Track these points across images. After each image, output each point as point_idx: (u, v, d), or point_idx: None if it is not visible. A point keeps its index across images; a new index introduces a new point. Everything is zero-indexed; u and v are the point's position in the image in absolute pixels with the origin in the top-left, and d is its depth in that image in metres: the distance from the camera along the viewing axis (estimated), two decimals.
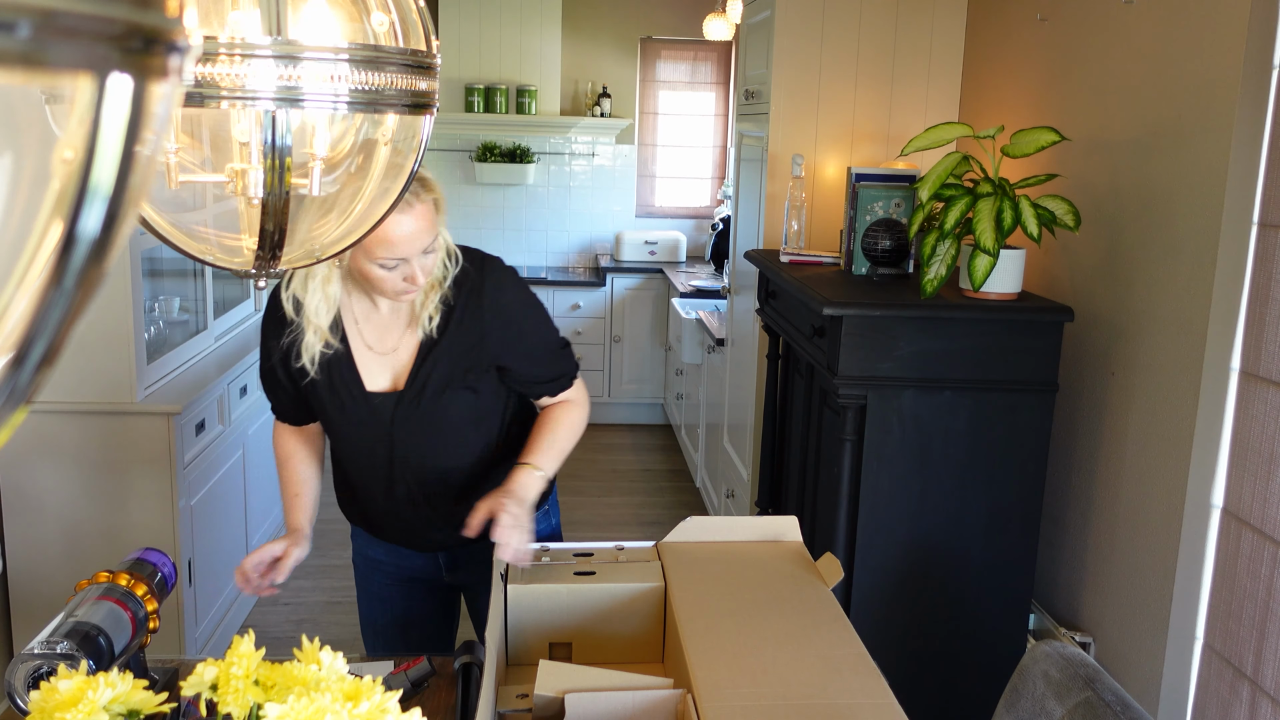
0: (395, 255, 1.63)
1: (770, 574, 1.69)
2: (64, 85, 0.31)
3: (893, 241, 2.76)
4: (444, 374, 1.78)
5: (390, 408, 1.79)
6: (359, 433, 1.83)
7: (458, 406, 1.81)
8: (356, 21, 0.98)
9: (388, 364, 1.80)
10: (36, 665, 1.30)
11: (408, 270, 1.66)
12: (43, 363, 0.33)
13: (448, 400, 1.79)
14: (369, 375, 1.80)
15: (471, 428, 1.85)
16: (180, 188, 0.98)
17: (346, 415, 1.81)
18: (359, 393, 1.80)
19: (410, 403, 1.79)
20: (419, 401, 1.79)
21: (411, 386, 1.79)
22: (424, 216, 1.63)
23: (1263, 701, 1.84)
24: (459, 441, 1.84)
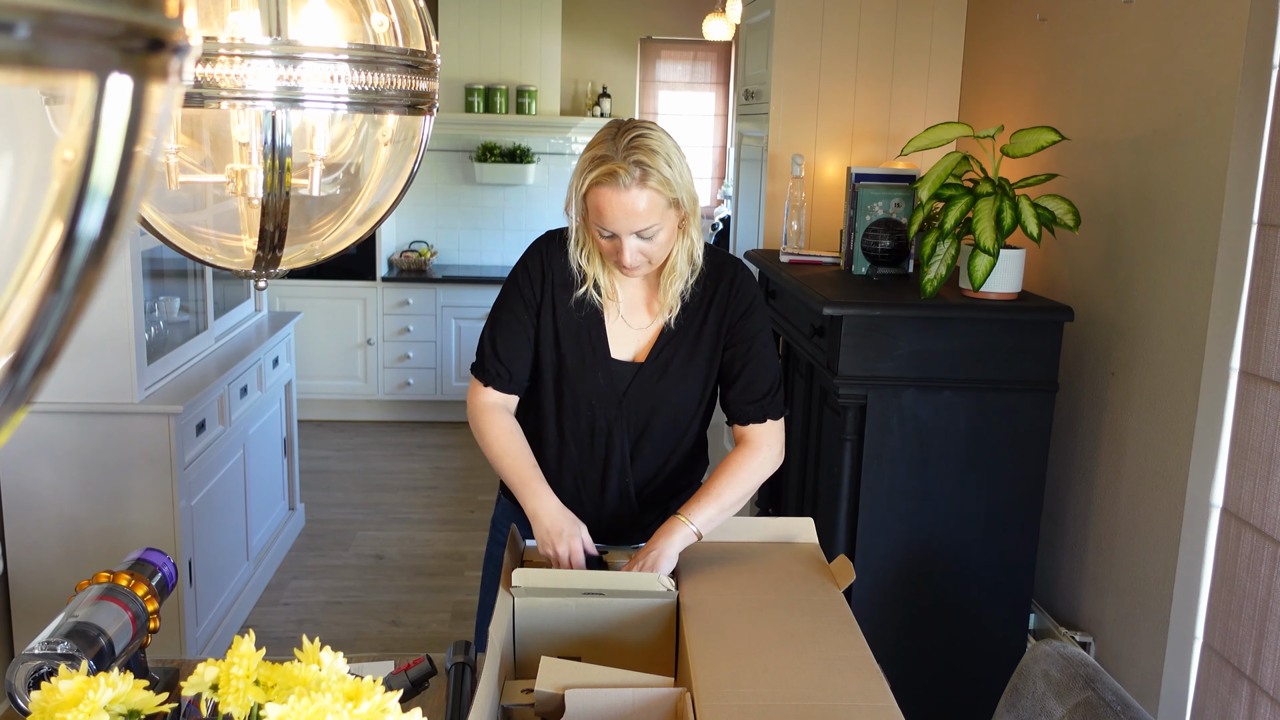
0: (604, 226, 1.69)
1: (782, 575, 1.69)
2: (64, 86, 0.31)
3: (893, 241, 2.76)
4: (683, 355, 1.84)
5: (629, 377, 1.84)
6: (590, 398, 1.85)
7: (688, 387, 1.86)
8: (356, 22, 0.98)
9: (634, 338, 1.86)
10: (37, 665, 1.30)
11: (617, 245, 1.71)
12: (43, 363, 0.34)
13: (679, 380, 1.85)
14: (616, 343, 1.85)
15: (689, 415, 1.89)
16: (180, 188, 0.98)
17: (585, 378, 1.84)
18: (603, 357, 1.84)
19: (648, 376, 1.84)
20: (657, 377, 1.84)
21: (653, 361, 1.84)
22: (637, 200, 1.66)
23: (1262, 701, 1.84)
24: (675, 425, 1.88)
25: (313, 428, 5.67)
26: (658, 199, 1.68)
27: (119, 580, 1.46)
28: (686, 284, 1.82)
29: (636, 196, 1.66)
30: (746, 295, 1.86)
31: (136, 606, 1.44)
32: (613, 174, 1.65)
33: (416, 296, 5.77)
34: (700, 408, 1.91)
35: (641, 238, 1.71)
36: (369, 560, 4.10)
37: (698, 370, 1.86)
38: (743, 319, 1.85)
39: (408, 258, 5.89)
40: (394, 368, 5.82)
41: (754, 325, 1.86)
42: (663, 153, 1.68)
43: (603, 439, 1.88)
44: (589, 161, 1.68)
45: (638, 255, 1.73)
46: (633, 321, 1.86)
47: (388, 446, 5.48)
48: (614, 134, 1.69)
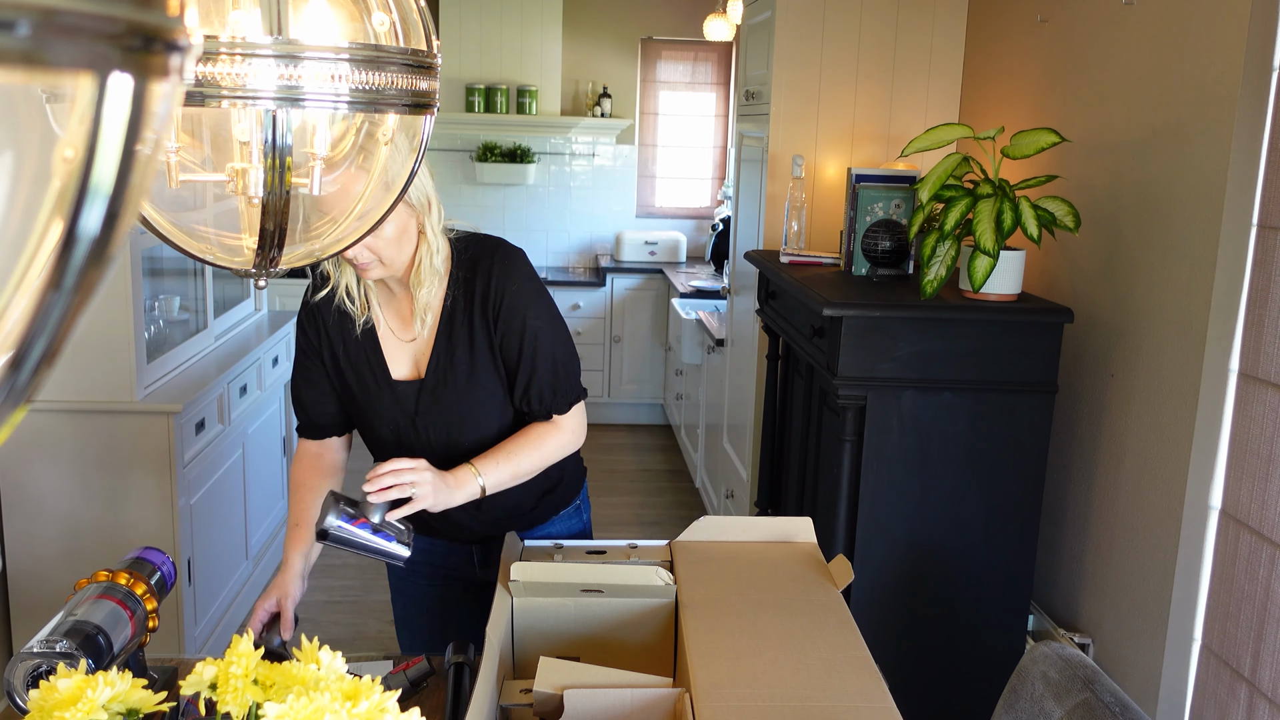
0: None
1: (781, 575, 1.69)
2: (65, 84, 0.31)
3: (893, 242, 2.76)
4: (462, 363, 1.79)
5: (413, 396, 1.81)
6: (386, 421, 1.84)
7: (477, 396, 1.80)
8: (357, 21, 0.98)
9: (409, 351, 1.83)
10: (36, 664, 1.30)
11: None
12: (43, 362, 0.34)
13: (465, 389, 1.79)
14: (394, 362, 1.82)
15: (494, 419, 1.83)
16: (181, 187, 0.98)
17: (374, 403, 1.83)
18: (384, 380, 1.82)
19: (430, 392, 1.80)
20: (439, 391, 1.80)
21: (432, 375, 1.80)
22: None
23: (1260, 702, 1.84)
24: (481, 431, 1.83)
25: None
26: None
27: (118, 579, 1.46)
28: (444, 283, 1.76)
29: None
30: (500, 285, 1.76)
31: (135, 605, 1.44)
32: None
33: None
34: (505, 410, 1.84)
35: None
36: (368, 560, 4.10)
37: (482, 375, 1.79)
38: (502, 311, 1.76)
39: None
40: None
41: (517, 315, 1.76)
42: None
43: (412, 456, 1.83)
44: None
45: (363, 251, 1.65)
46: (403, 334, 1.82)
47: None
48: None
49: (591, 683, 1.37)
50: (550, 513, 1.97)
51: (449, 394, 1.79)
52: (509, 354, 1.78)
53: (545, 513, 1.96)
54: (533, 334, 1.77)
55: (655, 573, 1.59)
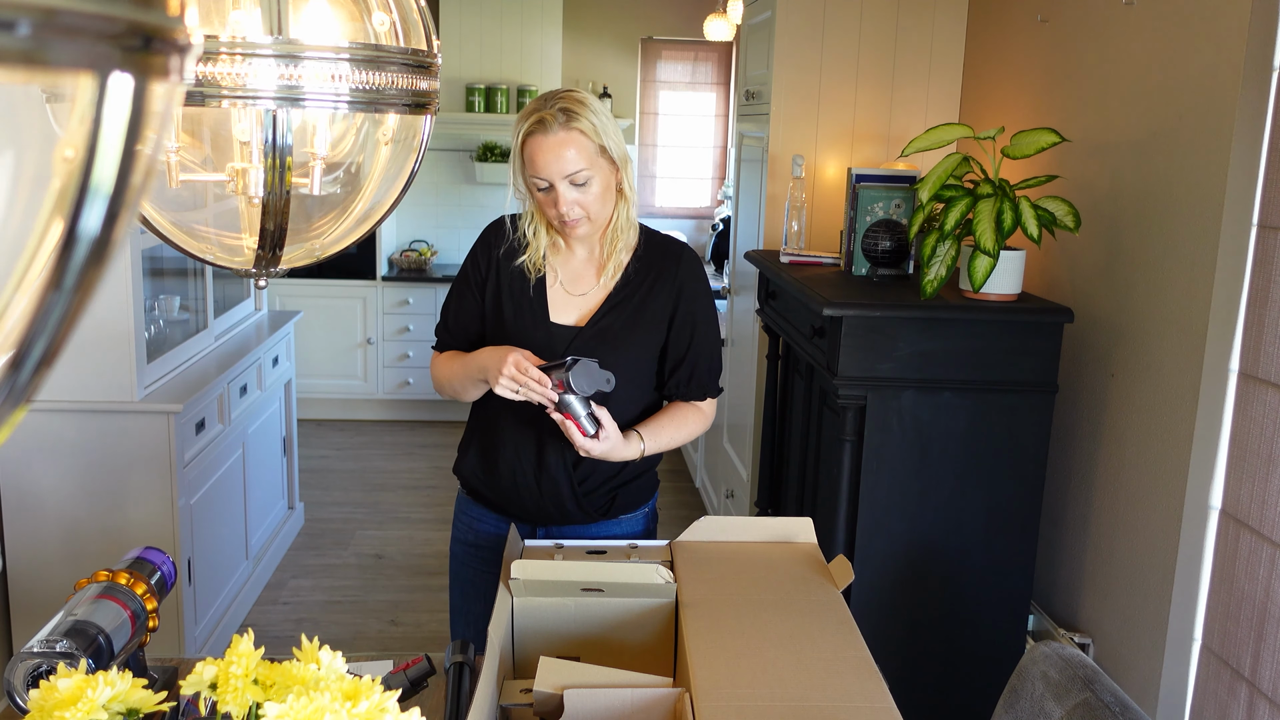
0: (538, 174, 1.77)
1: (781, 575, 1.69)
2: (65, 84, 0.31)
3: (893, 242, 2.76)
4: (625, 323, 1.88)
5: (567, 340, 1.88)
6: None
7: (629, 357, 1.88)
8: (357, 21, 0.98)
9: (576, 304, 1.91)
10: (36, 664, 1.30)
11: (555, 197, 1.78)
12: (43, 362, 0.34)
13: (622, 347, 1.87)
14: (556, 309, 1.91)
15: (634, 386, 1.92)
16: (181, 187, 0.98)
17: (524, 340, 1.87)
18: (542, 320, 1.89)
19: (588, 339, 1.87)
20: (594, 343, 1.87)
21: (592, 326, 1.88)
22: (566, 143, 1.75)
23: (1260, 702, 1.85)
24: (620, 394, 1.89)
25: (312, 427, 5.67)
26: (585, 143, 1.76)
27: (118, 579, 1.46)
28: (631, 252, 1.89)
29: (564, 139, 1.74)
30: (698, 277, 1.93)
31: (135, 605, 1.44)
32: (541, 120, 1.74)
33: (416, 296, 5.77)
34: (641, 385, 1.94)
35: (574, 184, 1.77)
36: (368, 559, 4.10)
37: (640, 341, 1.90)
38: (694, 301, 1.92)
39: (408, 257, 5.89)
40: (394, 367, 5.82)
41: (703, 308, 1.93)
42: (589, 104, 1.78)
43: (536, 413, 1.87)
44: (519, 120, 1.79)
45: (575, 207, 1.79)
46: (574, 289, 1.92)
47: (387, 446, 5.48)
48: (544, 96, 1.80)
49: (591, 683, 1.37)
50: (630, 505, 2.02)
51: (605, 348, 1.86)
52: (682, 334, 1.92)
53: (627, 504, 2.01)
54: (706, 323, 1.94)
55: (655, 571, 1.58)
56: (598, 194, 1.80)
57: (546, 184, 1.78)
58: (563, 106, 1.75)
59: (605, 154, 1.79)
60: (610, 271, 1.89)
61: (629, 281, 1.90)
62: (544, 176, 1.77)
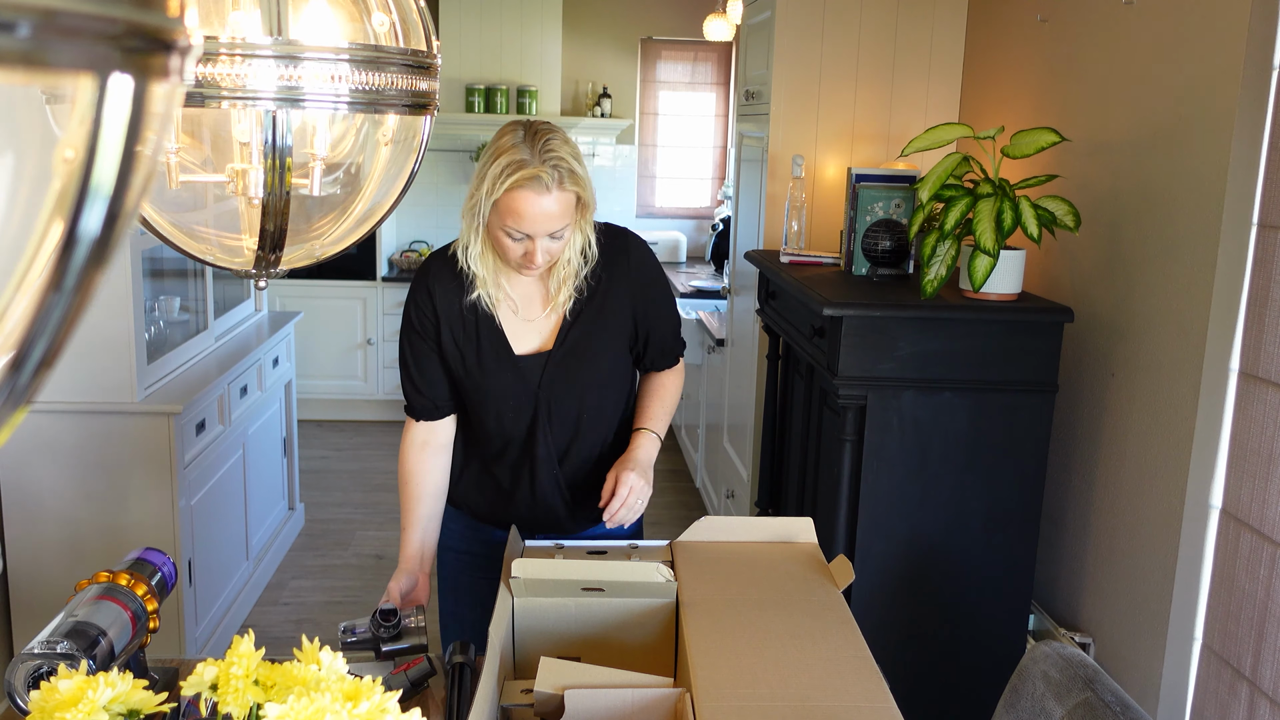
0: (520, 229, 1.72)
1: (781, 575, 1.69)
2: (65, 85, 0.31)
3: (893, 242, 2.76)
4: (590, 335, 1.89)
5: (539, 368, 1.87)
6: (505, 397, 1.88)
7: (601, 366, 1.91)
8: (357, 22, 0.98)
9: (534, 329, 1.89)
10: (37, 665, 1.30)
11: (529, 247, 1.75)
12: (43, 363, 0.34)
13: (591, 359, 1.89)
14: (516, 340, 1.88)
15: (612, 390, 1.95)
16: (181, 188, 0.98)
17: (493, 380, 1.87)
18: (506, 357, 1.87)
19: (558, 362, 1.87)
20: (567, 361, 1.87)
21: (560, 347, 1.87)
22: (560, 204, 1.71)
23: (1261, 702, 1.84)
24: (599, 403, 1.93)
25: (312, 427, 5.67)
26: (571, 200, 1.74)
27: (119, 580, 1.46)
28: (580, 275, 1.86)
29: (557, 198, 1.70)
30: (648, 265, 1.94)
31: (136, 606, 1.44)
32: (536, 178, 1.67)
33: None
34: (622, 390, 1.97)
35: (553, 238, 1.75)
36: (368, 560, 4.10)
37: (610, 345, 1.91)
38: (650, 288, 1.94)
39: (408, 257, 5.89)
40: (394, 367, 5.82)
41: (659, 291, 1.96)
42: (572, 153, 1.73)
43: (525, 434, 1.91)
44: (506, 166, 1.69)
45: (545, 255, 1.77)
46: (529, 313, 1.89)
47: (387, 446, 5.48)
48: (524, 138, 1.71)
49: (592, 683, 1.37)
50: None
51: (577, 364, 1.88)
52: (644, 314, 1.93)
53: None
54: (664, 301, 1.97)
55: (656, 569, 1.58)
56: (567, 239, 1.79)
57: (523, 236, 1.74)
58: (556, 163, 1.69)
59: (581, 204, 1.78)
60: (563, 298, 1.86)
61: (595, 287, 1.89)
62: (527, 232, 1.72)
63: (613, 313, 1.90)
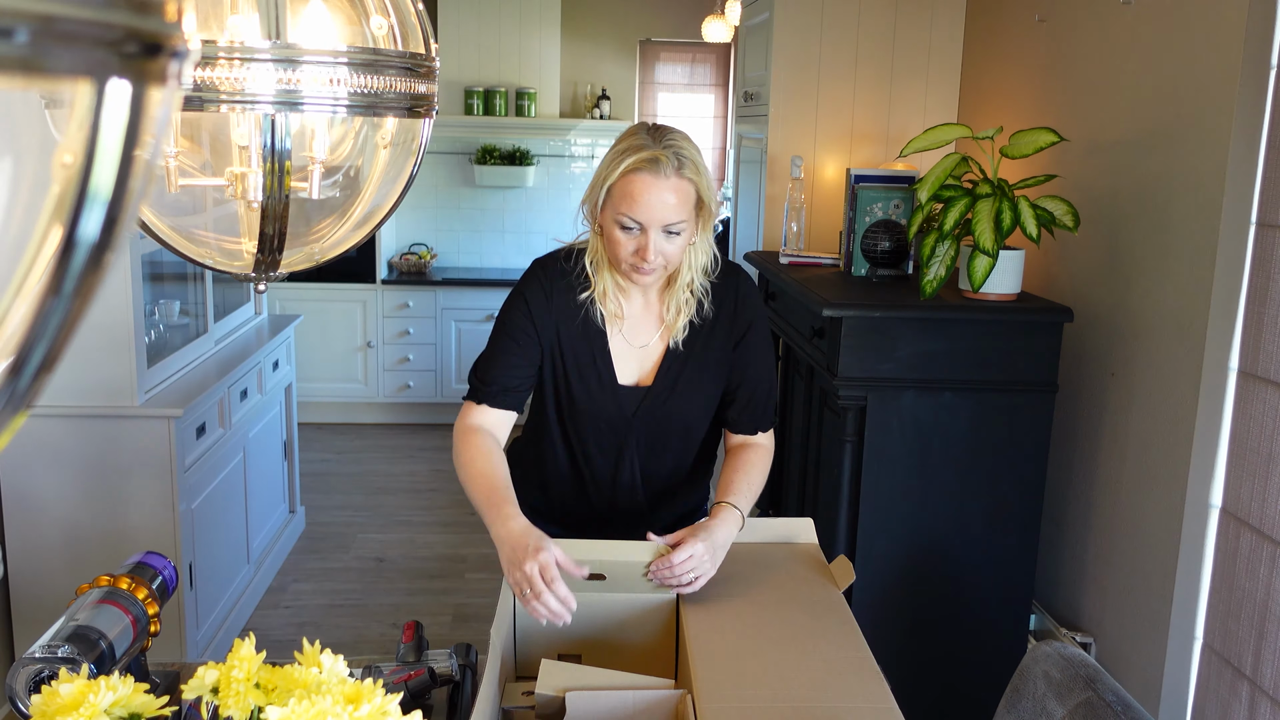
0: (634, 215, 1.64)
1: (782, 575, 1.69)
2: (63, 90, 0.31)
3: (892, 243, 2.76)
4: (693, 372, 1.81)
5: (636, 401, 1.81)
6: (598, 423, 1.82)
7: (698, 405, 1.84)
8: (355, 25, 0.98)
9: (638, 358, 1.83)
10: (38, 669, 1.30)
11: (642, 241, 1.66)
12: (43, 367, 0.34)
13: (689, 398, 1.82)
14: (621, 367, 1.82)
15: (701, 430, 1.88)
16: (180, 191, 0.98)
17: (593, 403, 1.81)
18: (610, 383, 1.81)
19: (657, 397, 1.81)
20: (665, 397, 1.81)
21: (660, 381, 1.81)
22: (676, 191, 1.64)
23: (1262, 701, 1.84)
24: (686, 439, 1.87)
25: (313, 430, 5.67)
26: (690, 194, 1.66)
27: (119, 584, 1.46)
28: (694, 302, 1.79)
29: (675, 185, 1.64)
30: (753, 310, 1.84)
31: (137, 610, 1.44)
32: (654, 160, 1.62)
33: (416, 299, 5.77)
34: (710, 417, 1.89)
35: (668, 233, 1.67)
36: (369, 563, 4.10)
37: (707, 386, 1.84)
38: (747, 334, 1.83)
39: (407, 260, 5.89)
40: (394, 370, 5.82)
41: (757, 340, 1.84)
42: (697, 149, 1.69)
43: (611, 460, 1.86)
44: (623, 151, 1.65)
45: (658, 257, 1.67)
46: (635, 340, 1.82)
47: (388, 449, 5.48)
48: (647, 130, 1.68)
49: (593, 684, 1.37)
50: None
51: (675, 401, 1.81)
52: (739, 369, 1.83)
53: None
54: (764, 354, 1.85)
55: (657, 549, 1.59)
56: (682, 245, 1.70)
57: (637, 226, 1.66)
58: (677, 150, 1.64)
59: (700, 207, 1.70)
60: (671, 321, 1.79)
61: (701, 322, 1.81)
62: (641, 219, 1.64)
63: (715, 355, 1.82)
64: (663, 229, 1.66)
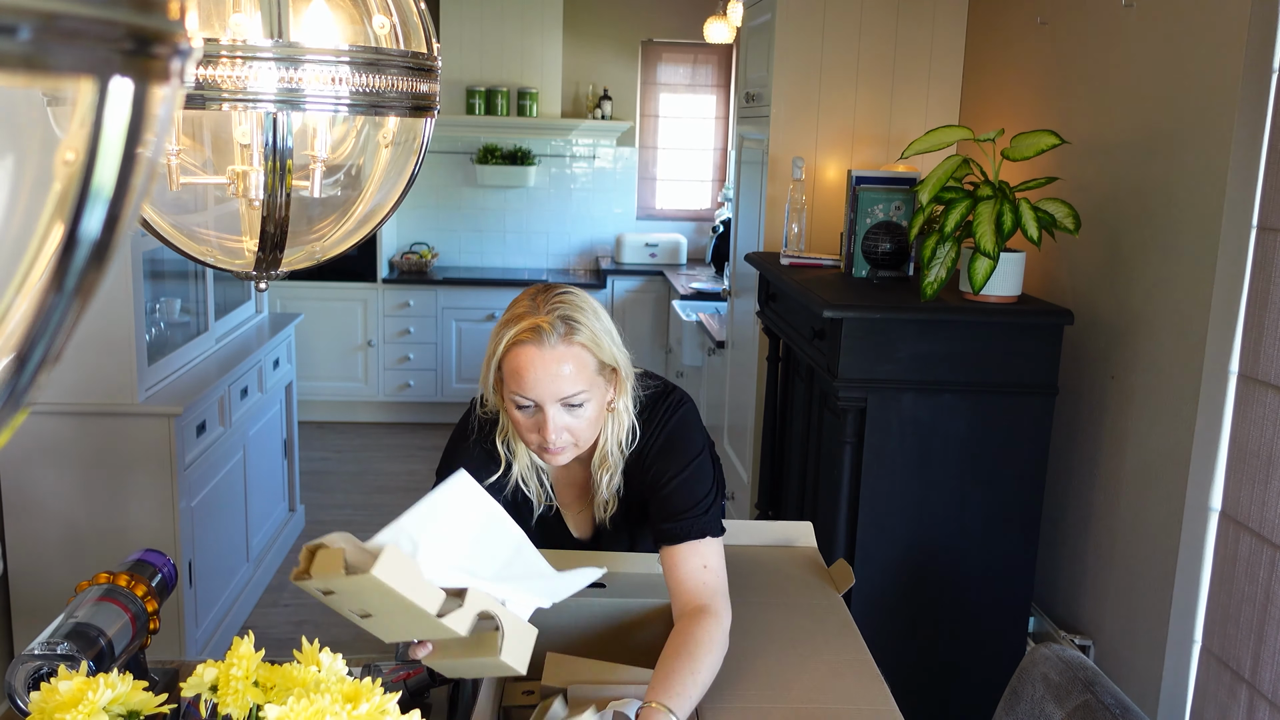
0: (525, 394, 1.47)
1: (781, 579, 1.69)
2: (66, 88, 0.31)
3: (893, 244, 2.76)
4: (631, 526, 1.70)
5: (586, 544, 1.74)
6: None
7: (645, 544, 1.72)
8: (358, 24, 0.98)
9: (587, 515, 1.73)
10: (37, 666, 1.30)
11: (540, 420, 1.48)
12: (44, 364, 0.34)
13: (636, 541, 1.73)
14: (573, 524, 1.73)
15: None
16: (181, 190, 0.98)
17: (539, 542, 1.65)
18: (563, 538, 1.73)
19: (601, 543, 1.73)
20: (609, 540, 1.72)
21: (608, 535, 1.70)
22: (563, 359, 1.45)
23: (1260, 704, 1.84)
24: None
25: (313, 429, 5.67)
26: (586, 359, 1.47)
27: (119, 581, 1.46)
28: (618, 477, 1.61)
29: (563, 354, 1.45)
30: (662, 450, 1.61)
31: (136, 607, 1.44)
32: (535, 329, 1.44)
33: (417, 298, 5.78)
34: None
35: (567, 406, 1.48)
36: None
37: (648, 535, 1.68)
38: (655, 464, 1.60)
39: (408, 259, 5.89)
40: (394, 369, 5.83)
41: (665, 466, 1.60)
42: (589, 308, 1.50)
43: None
44: (505, 323, 1.49)
45: (563, 434, 1.49)
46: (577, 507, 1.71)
47: (388, 448, 5.48)
48: (531, 296, 1.50)
49: (597, 678, 1.37)
50: None
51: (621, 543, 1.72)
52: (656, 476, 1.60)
53: None
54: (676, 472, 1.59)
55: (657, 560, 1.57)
56: (591, 418, 1.51)
57: (531, 404, 1.48)
58: (562, 314, 1.45)
59: (604, 369, 1.51)
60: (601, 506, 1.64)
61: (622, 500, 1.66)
62: (533, 397, 1.46)
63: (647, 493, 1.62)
64: (560, 404, 1.47)
